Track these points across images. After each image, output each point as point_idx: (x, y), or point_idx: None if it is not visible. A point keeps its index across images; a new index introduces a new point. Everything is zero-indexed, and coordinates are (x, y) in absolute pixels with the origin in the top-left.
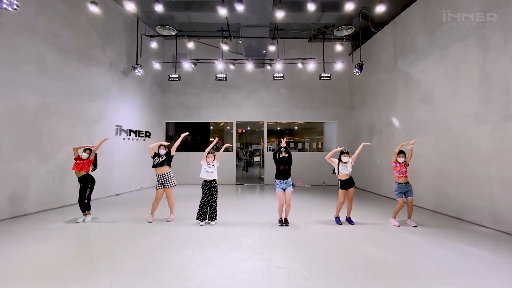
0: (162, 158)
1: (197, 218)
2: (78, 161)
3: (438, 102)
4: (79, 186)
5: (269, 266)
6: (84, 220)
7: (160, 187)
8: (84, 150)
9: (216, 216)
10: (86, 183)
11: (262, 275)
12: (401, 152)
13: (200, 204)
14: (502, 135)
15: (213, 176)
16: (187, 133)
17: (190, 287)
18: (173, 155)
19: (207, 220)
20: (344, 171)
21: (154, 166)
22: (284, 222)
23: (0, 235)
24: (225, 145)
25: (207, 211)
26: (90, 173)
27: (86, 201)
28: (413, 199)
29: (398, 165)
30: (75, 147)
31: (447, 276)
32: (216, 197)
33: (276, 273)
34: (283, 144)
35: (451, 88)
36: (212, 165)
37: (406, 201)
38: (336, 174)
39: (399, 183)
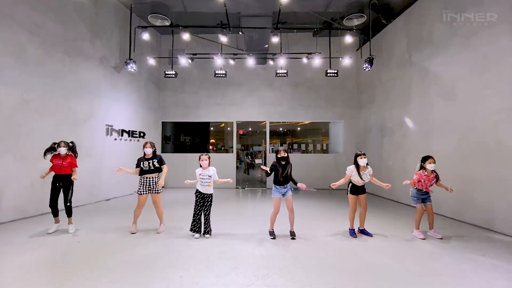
0: (153, 162)
1: (191, 230)
2: (56, 160)
3: (461, 98)
4: (58, 185)
5: None
6: (68, 230)
7: (144, 192)
8: (58, 144)
9: (210, 230)
10: (69, 184)
11: None
12: (429, 157)
13: (194, 214)
14: None
15: (209, 190)
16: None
17: None
18: (163, 164)
19: (202, 234)
20: (363, 178)
21: (144, 172)
22: (291, 235)
23: None
24: (229, 180)
25: (200, 222)
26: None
27: (69, 204)
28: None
29: (424, 174)
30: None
31: None
32: (209, 208)
33: None
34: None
35: (477, 82)
36: (208, 176)
37: (425, 208)
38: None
39: (418, 189)
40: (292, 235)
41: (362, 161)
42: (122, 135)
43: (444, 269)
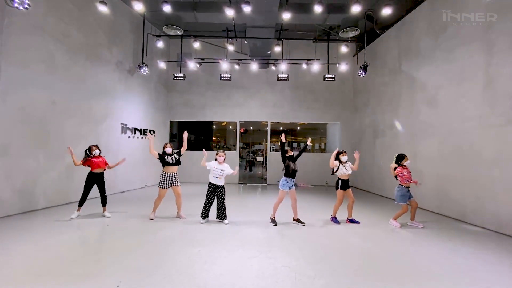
0: (175, 156)
1: (201, 216)
2: (94, 159)
3: (442, 105)
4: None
5: (274, 265)
6: (106, 215)
7: (167, 186)
8: (90, 149)
9: (225, 215)
10: (103, 178)
11: (268, 274)
12: (405, 155)
13: (204, 205)
14: (506, 139)
15: (221, 181)
16: (186, 133)
17: (198, 284)
18: (182, 154)
19: (219, 219)
20: (345, 171)
21: (168, 164)
22: (298, 222)
23: (11, 230)
24: (235, 171)
25: (209, 210)
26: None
27: (105, 194)
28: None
29: (405, 172)
30: (74, 159)
31: (448, 277)
32: (224, 198)
33: (281, 271)
34: (283, 139)
35: (455, 91)
36: (221, 170)
37: (410, 204)
38: (335, 173)
39: (405, 186)
40: (299, 221)
41: (344, 158)
42: (135, 133)
43: (412, 248)
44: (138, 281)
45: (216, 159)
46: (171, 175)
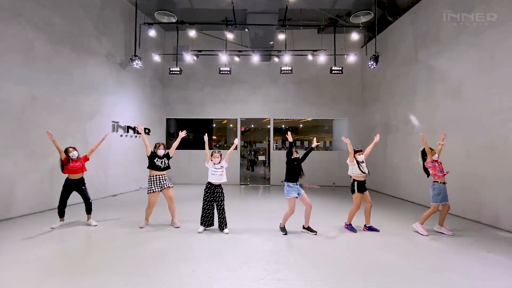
0: (165, 160)
1: (201, 224)
2: (71, 164)
3: (468, 97)
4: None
5: None
6: (91, 224)
7: (155, 190)
8: (67, 150)
9: (226, 223)
10: (82, 184)
11: None
12: (431, 149)
13: (202, 209)
14: None
15: (222, 179)
16: (185, 132)
17: None
18: (171, 157)
19: (219, 229)
20: (359, 172)
21: (156, 168)
22: (309, 230)
23: None
24: (235, 142)
25: (211, 216)
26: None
27: (90, 200)
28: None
29: (437, 164)
30: (58, 146)
31: None
32: (223, 204)
33: None
34: (290, 139)
35: (484, 80)
36: (221, 166)
37: (442, 207)
38: (353, 174)
39: (442, 182)
40: (310, 230)
41: (360, 157)
42: (127, 132)
43: (447, 263)
44: None
45: (211, 161)
46: (159, 177)
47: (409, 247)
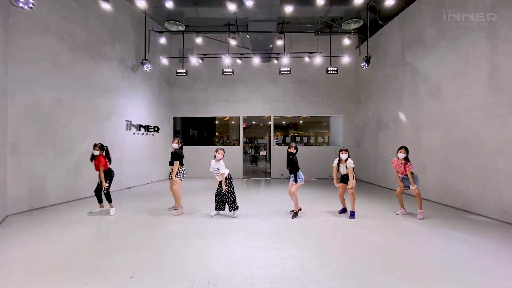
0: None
1: (215, 208)
2: (94, 162)
3: (446, 96)
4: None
5: (282, 255)
6: (109, 213)
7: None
8: (94, 147)
9: (233, 207)
10: (105, 176)
11: (276, 263)
12: (402, 147)
13: (215, 196)
14: (511, 129)
15: (218, 179)
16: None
17: (209, 274)
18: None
19: (228, 212)
20: (339, 170)
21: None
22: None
23: (24, 226)
24: (224, 174)
25: (221, 202)
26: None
27: (105, 191)
28: (415, 191)
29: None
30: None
31: (454, 266)
32: (228, 193)
33: (289, 261)
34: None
35: (459, 81)
36: (217, 168)
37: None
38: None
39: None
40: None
41: (343, 156)
42: (139, 130)
43: (417, 237)
44: (152, 272)
45: (215, 156)
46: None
47: (381, 225)
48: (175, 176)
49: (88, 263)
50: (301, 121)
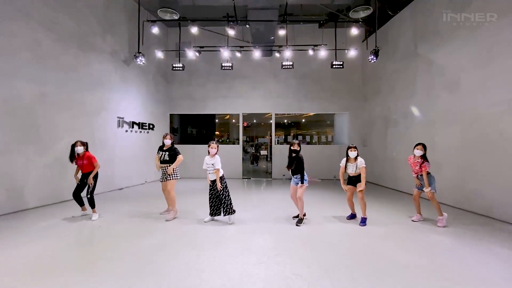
0: (166, 154)
1: (209, 214)
2: (77, 160)
3: (465, 90)
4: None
5: (284, 273)
6: (91, 218)
7: (162, 180)
8: (75, 144)
9: (228, 211)
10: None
11: (277, 284)
12: (419, 144)
13: (209, 199)
14: None
15: (211, 177)
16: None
17: None
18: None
19: (224, 216)
20: (350, 170)
21: (161, 162)
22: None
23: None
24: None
25: (215, 206)
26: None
27: (89, 196)
28: (429, 194)
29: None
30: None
31: (487, 284)
32: (223, 194)
33: (292, 281)
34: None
35: (481, 73)
36: (212, 164)
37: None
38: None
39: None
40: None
41: (352, 154)
42: (132, 127)
43: (438, 249)
44: None
45: (208, 152)
46: (163, 169)
47: (397, 234)
48: (170, 175)
49: (63, 274)
50: (303, 120)
